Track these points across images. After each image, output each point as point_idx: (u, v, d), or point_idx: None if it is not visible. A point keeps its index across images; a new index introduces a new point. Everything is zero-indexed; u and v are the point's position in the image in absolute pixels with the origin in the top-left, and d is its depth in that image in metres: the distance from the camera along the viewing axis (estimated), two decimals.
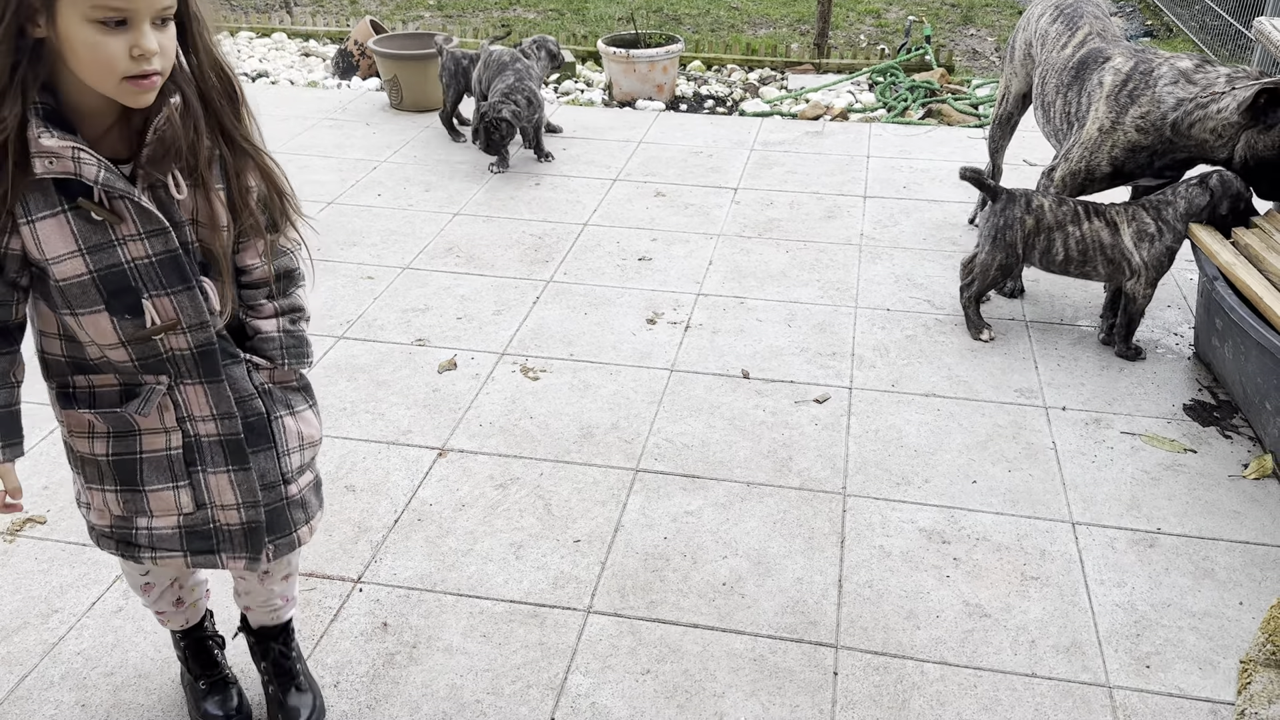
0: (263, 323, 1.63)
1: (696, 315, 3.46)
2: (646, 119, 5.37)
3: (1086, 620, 2.23)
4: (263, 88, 5.91)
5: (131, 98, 1.32)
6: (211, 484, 1.61)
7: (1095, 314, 3.45)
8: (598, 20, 7.58)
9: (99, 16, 1.24)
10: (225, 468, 1.60)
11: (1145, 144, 3.11)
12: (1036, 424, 2.89)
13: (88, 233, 1.38)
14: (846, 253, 3.90)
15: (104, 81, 1.30)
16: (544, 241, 3.99)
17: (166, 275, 1.44)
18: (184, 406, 1.55)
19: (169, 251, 1.43)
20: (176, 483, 1.60)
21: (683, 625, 2.22)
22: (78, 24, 1.24)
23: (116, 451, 1.57)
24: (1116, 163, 3.18)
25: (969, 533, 2.48)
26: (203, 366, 1.53)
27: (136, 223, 1.40)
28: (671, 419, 2.91)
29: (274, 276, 1.63)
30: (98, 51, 1.27)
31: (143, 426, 1.55)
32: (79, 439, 1.58)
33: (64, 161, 1.32)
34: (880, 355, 3.23)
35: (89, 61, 1.27)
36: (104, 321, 1.45)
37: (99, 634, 2.19)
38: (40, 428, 2.84)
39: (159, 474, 1.59)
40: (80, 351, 1.51)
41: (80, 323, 1.45)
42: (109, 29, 1.26)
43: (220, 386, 1.55)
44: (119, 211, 1.38)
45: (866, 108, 5.67)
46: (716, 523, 2.52)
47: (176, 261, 1.44)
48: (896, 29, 7.37)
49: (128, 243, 1.40)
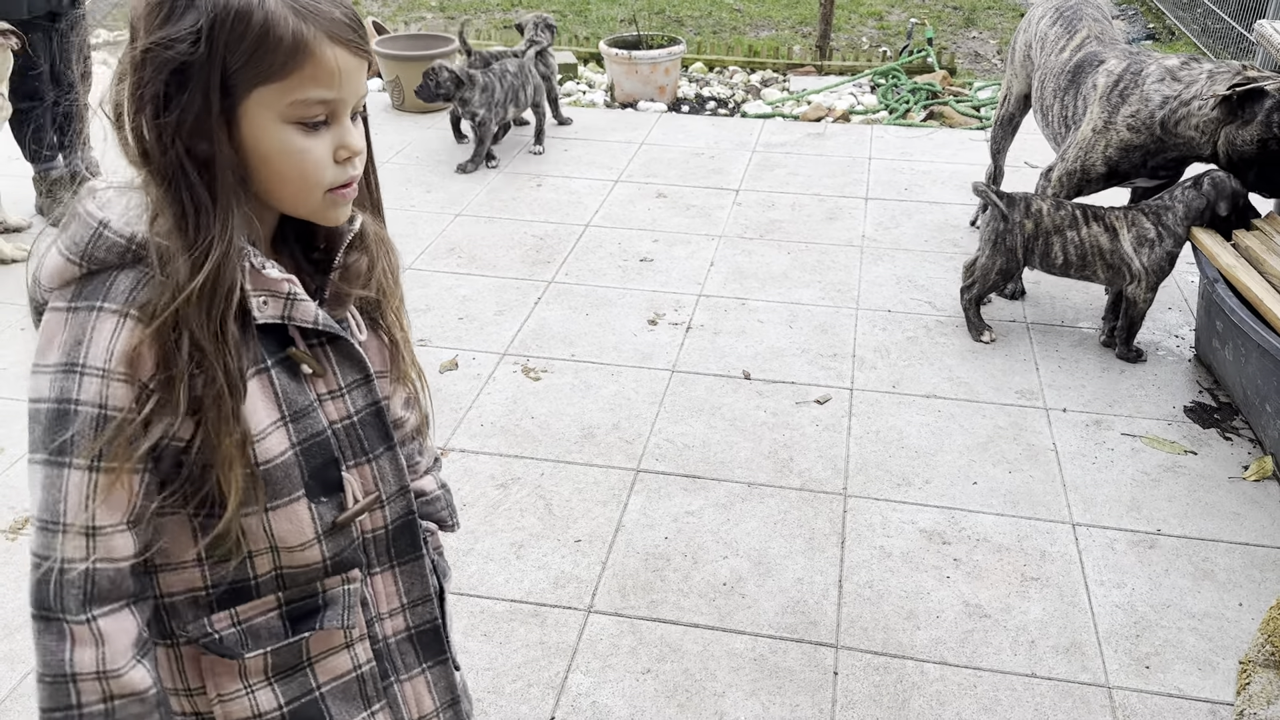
0: (423, 482, 1.31)
1: (698, 316, 3.46)
2: (648, 120, 5.38)
3: (1086, 621, 2.23)
4: None
5: (331, 212, 1.02)
6: (408, 694, 1.24)
7: (1096, 316, 3.45)
8: (599, 22, 7.59)
9: (302, 116, 0.94)
10: (420, 667, 1.24)
11: (1138, 143, 3.12)
12: (1037, 425, 2.89)
13: (292, 394, 1.03)
14: (848, 254, 3.90)
15: (306, 197, 0.99)
16: (545, 242, 3.99)
17: (368, 437, 1.11)
18: (372, 604, 1.17)
19: (371, 406, 1.11)
20: (371, 709, 1.18)
21: (683, 625, 2.23)
22: (271, 128, 0.94)
23: (292, 698, 1.12)
24: (1111, 162, 3.19)
25: (969, 533, 2.49)
26: (398, 545, 1.18)
27: (338, 375, 1.08)
28: (672, 419, 2.92)
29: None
30: (302, 159, 0.96)
31: (315, 651, 1.13)
32: (233, 701, 1.09)
33: (277, 301, 1.00)
34: (881, 356, 3.23)
35: (288, 172, 0.96)
36: (301, 513, 1.06)
37: None
38: None
39: (350, 707, 1.17)
40: (241, 572, 1.06)
41: (269, 522, 1.04)
42: (311, 130, 0.95)
43: (419, 564, 1.21)
44: (320, 361, 1.06)
45: (868, 110, 5.68)
46: (717, 523, 2.52)
47: (380, 418, 1.12)
48: (898, 31, 7.37)
49: (325, 402, 1.07)
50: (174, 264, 0.92)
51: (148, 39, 0.90)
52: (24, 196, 4.24)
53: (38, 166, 4.09)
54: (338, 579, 1.11)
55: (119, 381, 0.93)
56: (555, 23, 5.17)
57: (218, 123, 0.92)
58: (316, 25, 0.93)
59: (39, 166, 4.09)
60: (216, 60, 0.90)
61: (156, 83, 0.90)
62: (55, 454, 0.94)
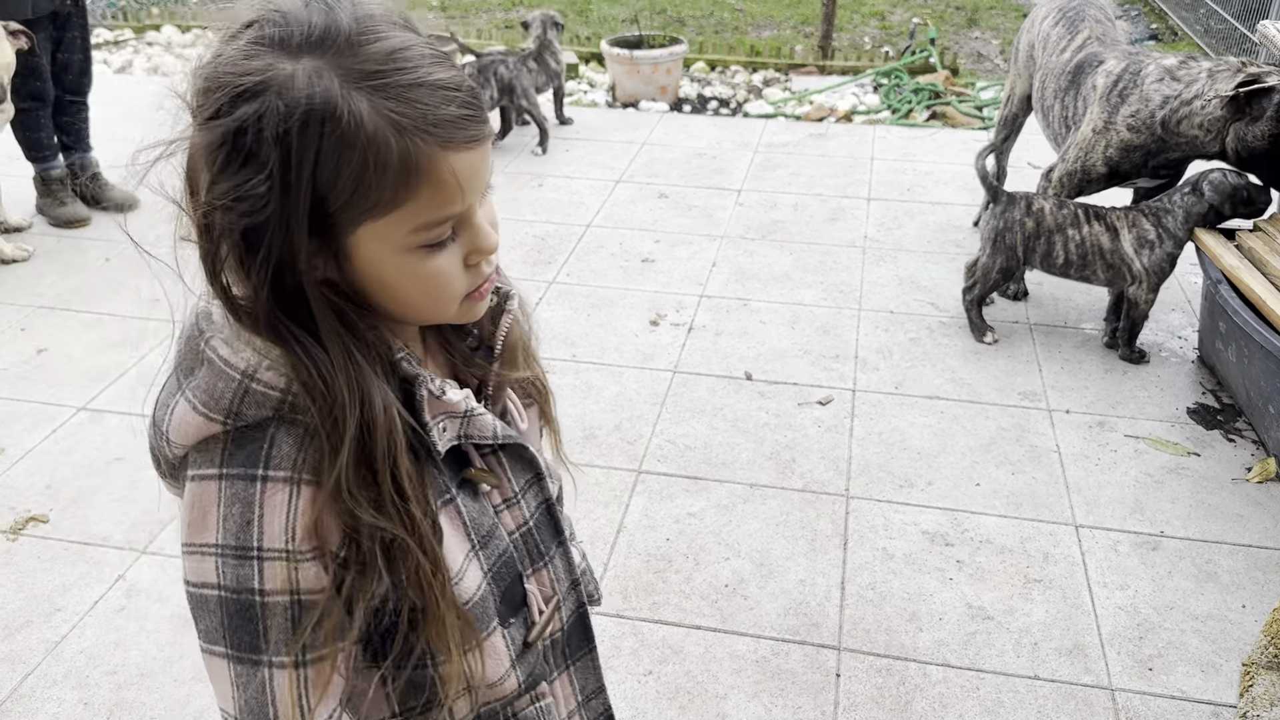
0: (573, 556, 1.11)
1: (700, 317, 3.46)
2: (650, 120, 5.37)
3: (1089, 623, 2.23)
4: None
5: (469, 314, 0.88)
6: None
7: (1099, 317, 3.44)
8: (601, 21, 7.58)
9: (425, 241, 0.79)
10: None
11: (1138, 143, 3.11)
12: (1040, 427, 2.88)
13: (477, 517, 0.91)
14: (850, 255, 3.90)
15: (438, 312, 0.85)
16: (547, 242, 3.99)
17: (542, 539, 1.00)
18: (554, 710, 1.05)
19: (544, 505, 1.00)
20: None
21: (685, 626, 2.22)
22: (389, 259, 0.79)
23: None
24: (1111, 163, 3.18)
25: (972, 535, 2.48)
26: (572, 643, 1.07)
27: (511, 481, 0.96)
28: (674, 420, 2.91)
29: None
30: (430, 282, 0.81)
31: None
32: None
33: (454, 422, 0.88)
34: (884, 357, 3.22)
35: (414, 297, 0.82)
36: (498, 644, 0.95)
37: (101, 633, 2.19)
38: (42, 425, 2.85)
39: None
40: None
41: (469, 663, 0.91)
42: (437, 250, 0.80)
43: (592, 656, 1.10)
44: (495, 471, 0.95)
45: (871, 110, 5.67)
46: (719, 524, 2.52)
47: (551, 514, 1.01)
48: (901, 31, 7.36)
49: (501, 514, 0.95)
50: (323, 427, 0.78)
51: (209, 196, 0.74)
52: (25, 196, 4.23)
53: (38, 166, 4.09)
54: (527, 699, 1.00)
55: (308, 561, 0.79)
56: (562, 20, 5.17)
57: (313, 276, 0.77)
58: (427, 138, 0.75)
59: (40, 166, 4.09)
60: (299, 206, 0.73)
61: (229, 246, 0.76)
62: (248, 652, 0.80)
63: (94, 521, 2.50)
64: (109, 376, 3.08)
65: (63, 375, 3.08)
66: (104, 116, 5.06)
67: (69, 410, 2.92)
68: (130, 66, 6.35)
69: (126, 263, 3.78)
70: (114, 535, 2.46)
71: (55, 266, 3.76)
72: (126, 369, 3.11)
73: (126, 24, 7.17)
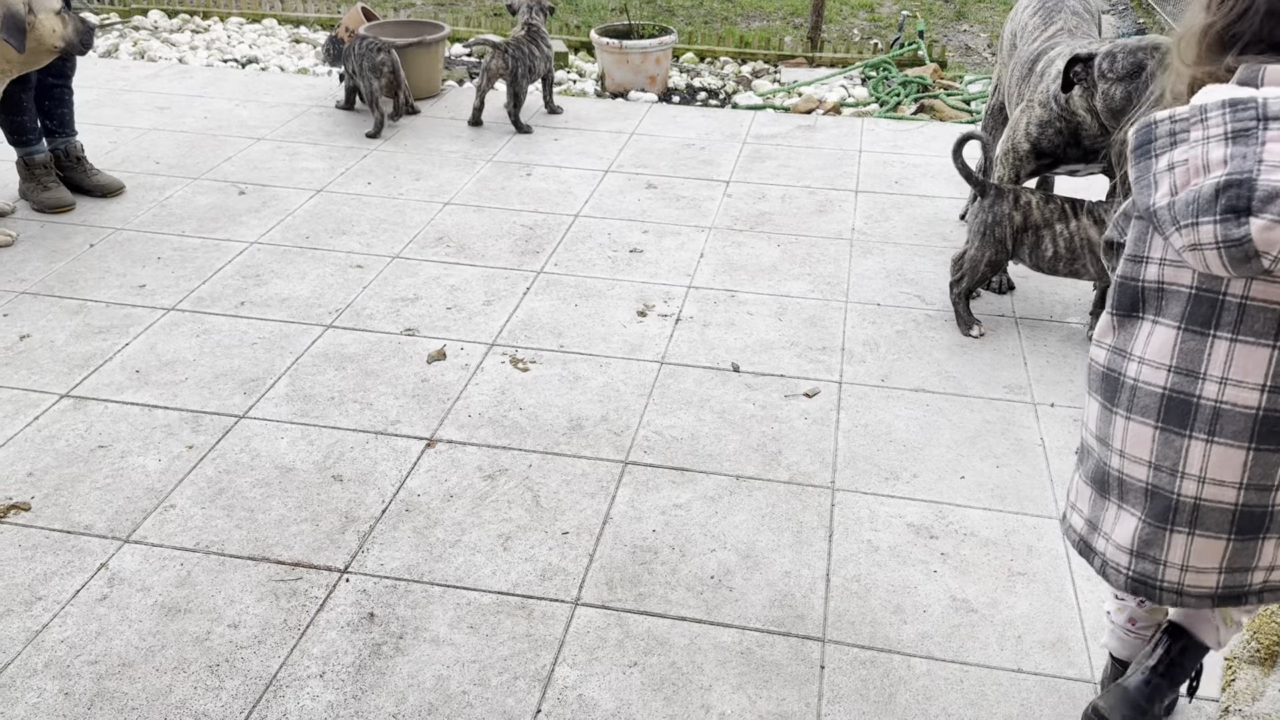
0: None
1: (687, 308, 3.45)
2: (639, 110, 5.36)
3: (1073, 616, 2.24)
4: (253, 74, 5.87)
5: None
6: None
7: (1085, 311, 3.46)
8: (591, 10, 7.55)
9: None
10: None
11: (1049, 119, 3.21)
12: (1025, 420, 2.89)
13: None
14: (838, 247, 3.90)
15: None
16: (535, 232, 3.97)
17: None
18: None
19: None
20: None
21: (670, 618, 2.22)
22: None
23: None
24: (1032, 138, 3.28)
25: (957, 528, 2.49)
26: None
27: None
28: (661, 412, 2.91)
29: None
30: None
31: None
32: None
33: None
34: (870, 350, 3.23)
35: None
36: None
37: (83, 622, 2.17)
38: (24, 412, 2.83)
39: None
40: None
41: None
42: None
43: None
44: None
45: (859, 102, 5.67)
46: (705, 516, 2.52)
47: None
48: (890, 24, 7.36)
49: None
50: None
51: None
52: (8, 181, 4.19)
53: (21, 150, 4.04)
54: None
55: None
56: (551, 4, 5.15)
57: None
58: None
59: (23, 150, 4.04)
60: None
61: None
62: None
63: (76, 510, 2.48)
64: (93, 363, 3.05)
65: (45, 362, 3.06)
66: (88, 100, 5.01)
67: (51, 397, 2.90)
68: (116, 51, 6.29)
69: (111, 248, 3.74)
70: (96, 524, 2.44)
71: (39, 252, 3.73)
72: (110, 355, 3.09)
73: (113, 8, 7.09)
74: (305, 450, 2.72)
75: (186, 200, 4.16)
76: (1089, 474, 1.65)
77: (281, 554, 2.37)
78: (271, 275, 3.61)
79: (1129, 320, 1.55)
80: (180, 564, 2.33)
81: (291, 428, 2.80)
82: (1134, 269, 1.53)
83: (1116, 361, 1.57)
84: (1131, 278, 1.53)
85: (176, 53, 6.27)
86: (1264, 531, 1.50)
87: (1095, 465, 1.63)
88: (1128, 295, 1.54)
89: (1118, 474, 1.59)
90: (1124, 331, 1.56)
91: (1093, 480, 1.64)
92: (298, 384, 3.00)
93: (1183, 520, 1.52)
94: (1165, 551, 1.55)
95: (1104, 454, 1.61)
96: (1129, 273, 1.54)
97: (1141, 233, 1.51)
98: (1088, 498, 1.66)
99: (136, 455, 2.68)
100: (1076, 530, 1.70)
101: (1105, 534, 1.63)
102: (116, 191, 4.16)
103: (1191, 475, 1.50)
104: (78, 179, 4.15)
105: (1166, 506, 1.53)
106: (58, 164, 4.13)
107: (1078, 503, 1.69)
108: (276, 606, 2.22)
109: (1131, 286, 1.53)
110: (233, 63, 6.18)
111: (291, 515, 2.49)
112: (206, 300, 3.43)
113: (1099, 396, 1.61)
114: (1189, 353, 1.47)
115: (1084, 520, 1.68)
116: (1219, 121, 1.38)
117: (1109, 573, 1.63)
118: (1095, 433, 1.62)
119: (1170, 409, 1.50)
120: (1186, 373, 1.48)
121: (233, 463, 2.66)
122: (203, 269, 3.63)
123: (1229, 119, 1.37)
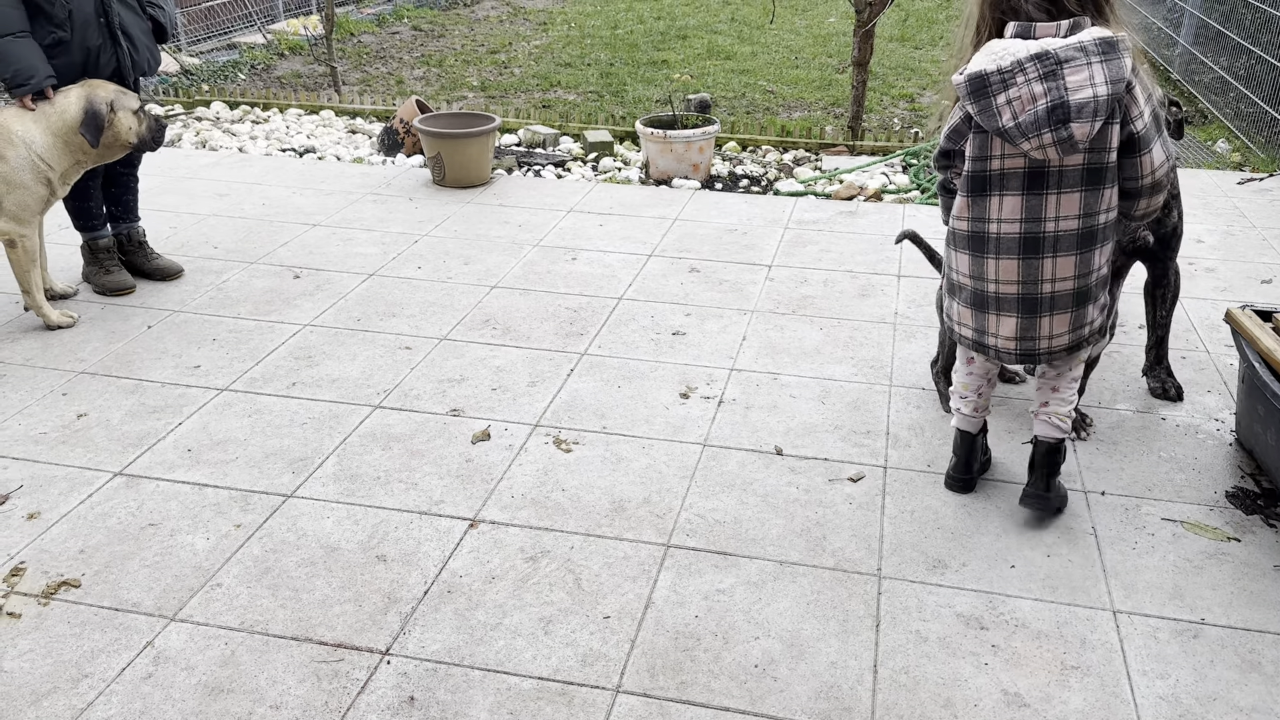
0: None
1: (730, 390, 3.46)
2: (682, 197, 5.45)
3: (1129, 712, 2.16)
4: (310, 163, 6.08)
5: None
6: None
7: (1133, 397, 3.41)
8: (635, 102, 7.75)
9: None
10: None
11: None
12: (1075, 508, 2.84)
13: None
14: (881, 331, 3.90)
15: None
16: (579, 315, 4.03)
17: None
18: None
19: None
20: None
21: (713, 708, 2.18)
22: None
23: None
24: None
25: (1007, 619, 2.43)
26: None
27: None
28: (704, 494, 2.89)
29: None
30: None
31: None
32: None
33: None
34: (915, 434, 3.20)
35: None
36: None
37: (127, 700, 2.18)
38: (78, 490, 2.88)
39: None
40: None
41: None
42: None
43: None
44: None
45: (901, 189, 5.72)
46: (749, 602, 2.48)
47: None
48: (930, 113, 7.46)
49: None
50: None
51: None
52: (72, 264, 4.35)
53: (86, 235, 4.20)
54: None
55: None
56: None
57: None
58: None
59: (88, 235, 4.20)
60: None
61: None
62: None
63: (125, 587, 2.51)
64: (146, 442, 3.12)
65: (101, 440, 3.13)
66: (151, 187, 5.21)
67: (105, 475, 2.96)
68: (179, 140, 6.55)
69: (168, 329, 3.85)
70: (144, 601, 2.47)
71: (99, 333, 3.84)
72: (163, 435, 3.15)
73: (177, 99, 7.42)
74: (350, 530, 2.74)
75: (243, 284, 4.28)
76: (967, 300, 2.60)
77: (324, 634, 2.37)
78: (323, 356, 3.68)
79: (980, 198, 2.49)
80: (225, 643, 2.34)
81: (338, 507, 2.83)
82: (981, 165, 2.46)
83: (979, 226, 2.51)
84: (981, 171, 2.46)
85: (237, 142, 6.52)
86: (1089, 301, 2.52)
87: (971, 294, 2.58)
88: (978, 182, 2.48)
89: (994, 295, 2.53)
90: (977, 206, 2.50)
91: (971, 304, 2.59)
92: (345, 464, 3.03)
93: (1045, 308, 2.50)
94: (1038, 329, 2.53)
95: (978, 285, 2.55)
96: (977, 168, 2.46)
97: (984, 142, 2.44)
98: (970, 315, 2.61)
99: (186, 533, 2.71)
100: (968, 338, 2.64)
101: (992, 333, 2.58)
102: (176, 275, 4.29)
103: (1047, 280, 2.47)
104: (139, 263, 4.30)
105: (1035, 303, 2.50)
106: (120, 248, 4.28)
107: (962, 320, 2.63)
108: (318, 688, 2.22)
109: (981, 176, 2.47)
110: (290, 152, 6.40)
111: (335, 595, 2.49)
112: (259, 381, 3.50)
113: (968, 250, 2.56)
114: (1032, 207, 2.43)
115: (972, 329, 2.62)
116: (1034, 69, 2.31)
117: (1002, 355, 2.59)
118: (969, 274, 2.57)
119: (1027, 245, 2.45)
120: (1034, 220, 2.43)
121: (279, 541, 2.69)
122: (256, 350, 3.72)
123: (1039, 67, 2.31)
